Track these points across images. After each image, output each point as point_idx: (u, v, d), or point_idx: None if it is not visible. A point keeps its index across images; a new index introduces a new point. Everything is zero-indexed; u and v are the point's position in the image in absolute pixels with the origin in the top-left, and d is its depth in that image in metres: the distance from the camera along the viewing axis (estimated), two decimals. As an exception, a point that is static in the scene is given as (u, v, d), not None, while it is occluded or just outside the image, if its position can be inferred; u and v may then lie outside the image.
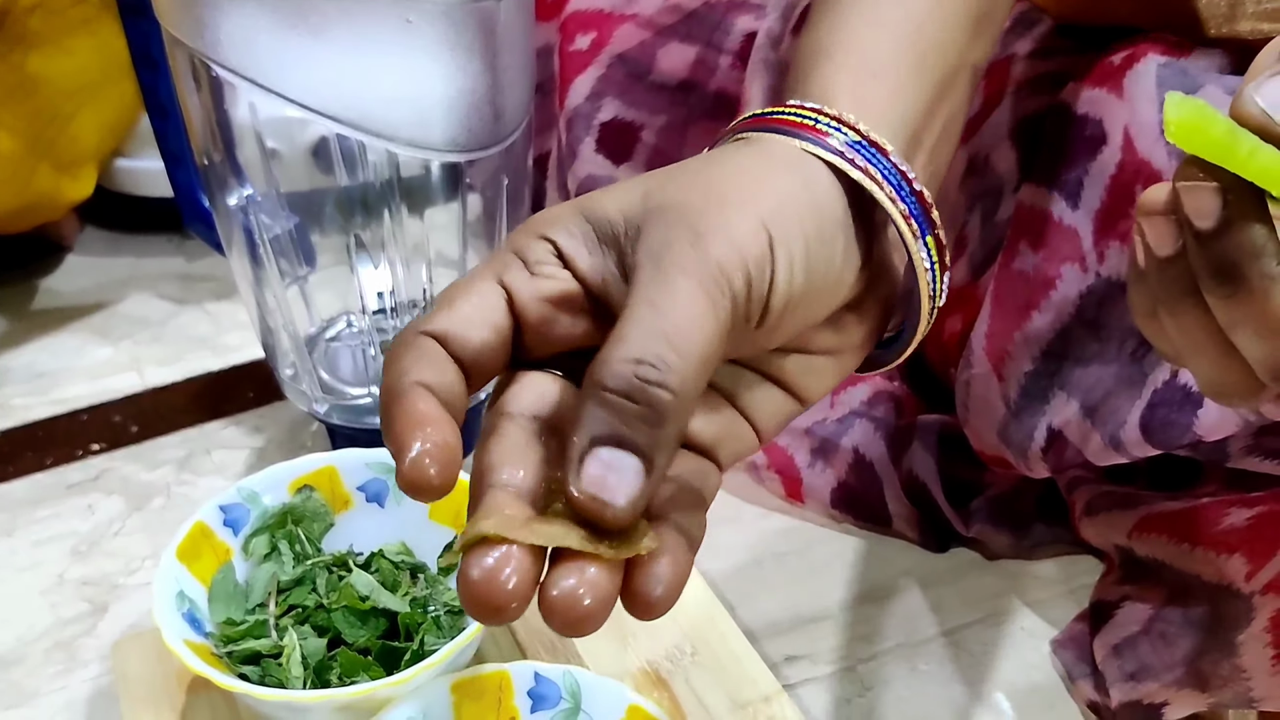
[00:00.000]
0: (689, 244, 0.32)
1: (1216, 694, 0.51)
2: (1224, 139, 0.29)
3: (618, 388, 0.29)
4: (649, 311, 0.30)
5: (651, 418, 0.29)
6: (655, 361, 0.29)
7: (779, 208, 0.34)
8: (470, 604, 0.29)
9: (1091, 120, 0.53)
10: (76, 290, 0.86)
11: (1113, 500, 0.59)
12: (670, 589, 0.30)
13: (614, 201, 0.34)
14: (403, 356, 0.32)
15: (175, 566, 0.52)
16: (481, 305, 0.33)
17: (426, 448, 0.30)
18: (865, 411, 0.66)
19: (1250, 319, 0.31)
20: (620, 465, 0.29)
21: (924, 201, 0.36)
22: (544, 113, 0.76)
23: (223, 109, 0.59)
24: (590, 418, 0.29)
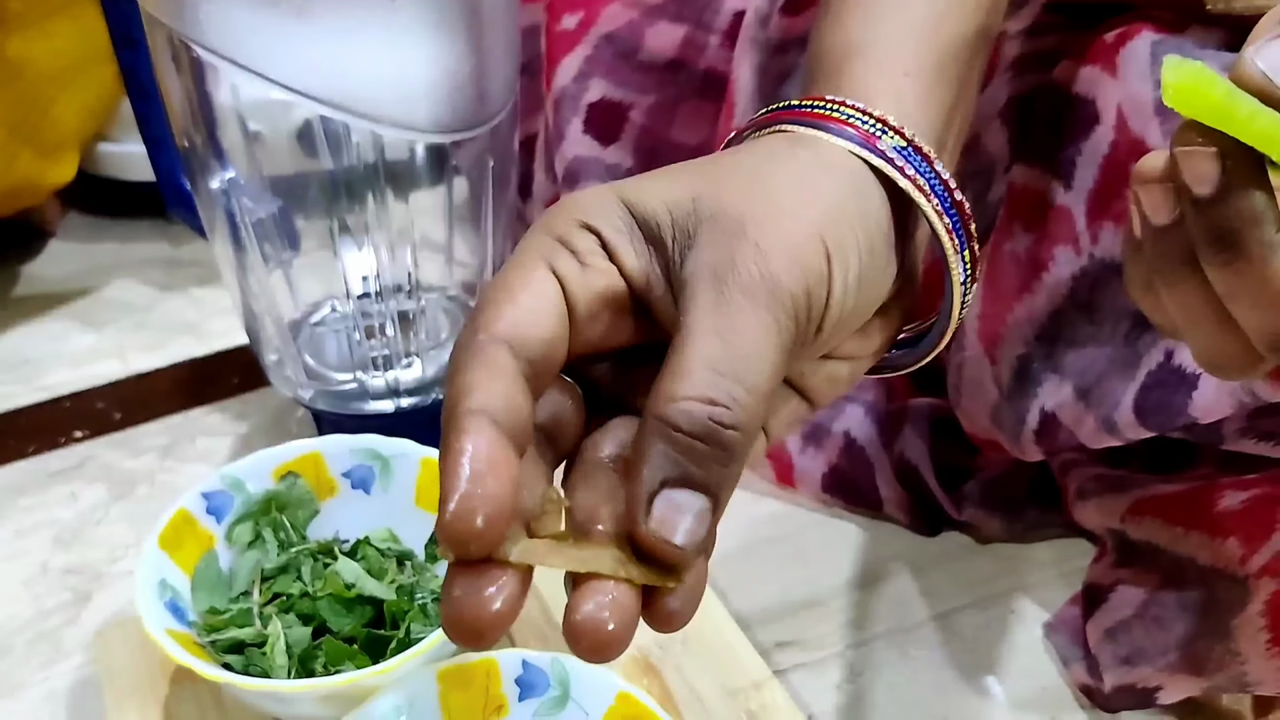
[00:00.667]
0: (752, 262, 0.31)
1: (1211, 678, 0.50)
2: (1223, 102, 0.28)
3: (691, 430, 0.29)
4: (716, 343, 0.29)
5: (723, 459, 0.29)
6: (728, 402, 0.29)
7: (835, 218, 0.33)
8: (453, 625, 0.28)
9: (1084, 99, 0.52)
10: (59, 276, 0.85)
11: (1106, 483, 0.58)
12: (690, 600, 0.30)
13: (659, 196, 0.32)
14: (463, 370, 0.29)
15: (157, 555, 0.52)
16: (542, 296, 0.31)
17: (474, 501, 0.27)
18: (856, 395, 0.66)
19: (1249, 288, 0.30)
20: (689, 507, 0.29)
21: (964, 213, 0.35)
22: (531, 94, 0.75)
23: (204, 91, 0.58)
24: (660, 457, 0.29)
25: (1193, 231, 0.31)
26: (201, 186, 0.61)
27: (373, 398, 0.65)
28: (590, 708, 0.48)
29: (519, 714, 0.48)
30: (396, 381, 0.65)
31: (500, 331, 0.30)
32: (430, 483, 0.56)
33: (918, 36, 0.38)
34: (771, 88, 0.62)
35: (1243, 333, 0.32)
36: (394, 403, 0.65)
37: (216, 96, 0.58)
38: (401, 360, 0.65)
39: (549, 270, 0.31)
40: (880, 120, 0.35)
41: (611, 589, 0.28)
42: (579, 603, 0.28)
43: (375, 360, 0.64)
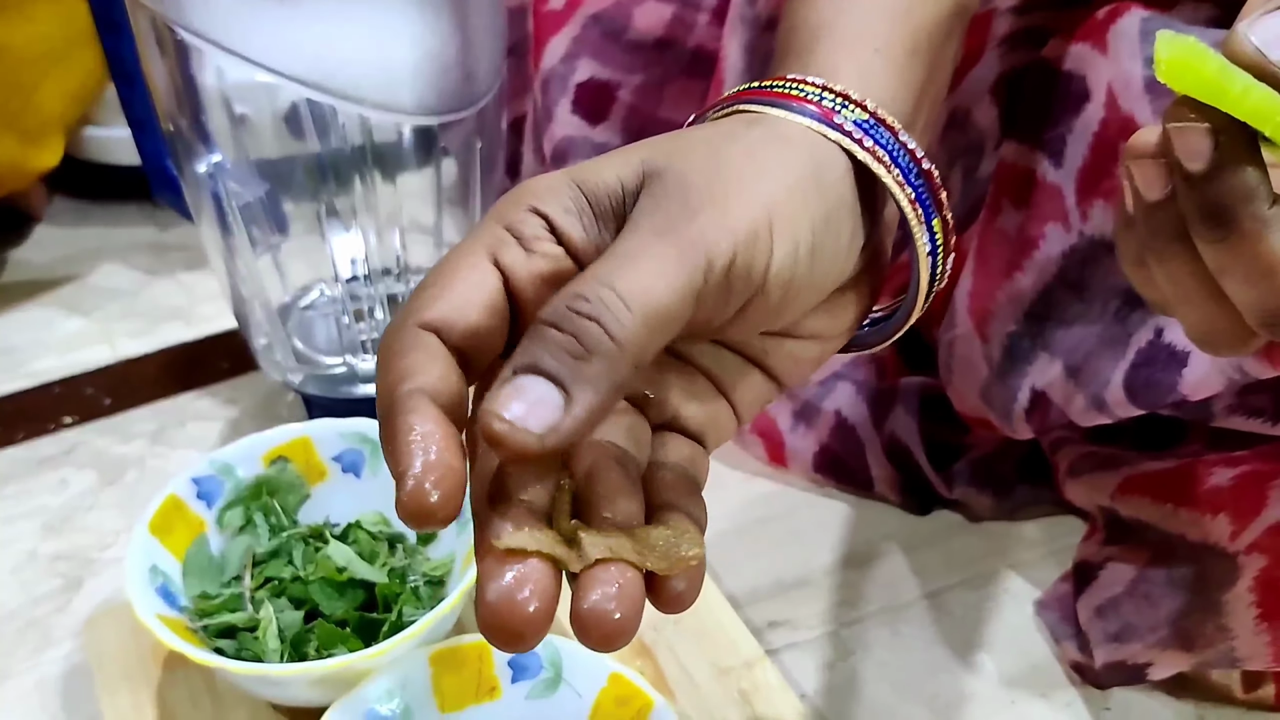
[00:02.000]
0: (675, 212, 0.30)
1: (1201, 654, 0.51)
2: (1216, 77, 0.28)
3: (547, 318, 0.28)
4: (607, 260, 0.29)
5: (576, 350, 0.28)
6: (591, 297, 0.28)
7: (787, 193, 0.32)
8: (491, 629, 0.27)
9: (1074, 76, 0.52)
10: (46, 261, 0.85)
11: (1096, 461, 0.59)
12: (695, 580, 0.30)
13: (611, 170, 0.32)
14: (398, 355, 0.29)
15: (148, 540, 0.52)
16: (478, 286, 0.31)
17: (428, 472, 0.27)
18: (847, 374, 0.66)
19: (1240, 264, 0.30)
20: (537, 394, 0.27)
21: (932, 181, 0.35)
22: (519, 75, 0.75)
23: (188, 74, 0.57)
24: (524, 347, 0.28)
25: (1185, 207, 0.31)
26: (187, 170, 0.61)
27: (362, 381, 0.64)
28: (582, 689, 0.48)
29: (511, 696, 0.48)
30: (386, 365, 0.64)
31: (429, 319, 0.30)
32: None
33: (889, 15, 0.38)
34: (760, 66, 0.62)
35: (1234, 308, 0.32)
36: (384, 387, 0.64)
37: (201, 80, 0.57)
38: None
39: (488, 259, 0.31)
40: (841, 95, 0.35)
41: (616, 577, 0.28)
42: (585, 592, 0.28)
43: (364, 344, 0.64)
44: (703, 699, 0.52)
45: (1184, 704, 0.54)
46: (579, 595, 0.28)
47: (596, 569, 0.28)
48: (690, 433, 0.35)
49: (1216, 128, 0.29)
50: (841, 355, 0.65)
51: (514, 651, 0.27)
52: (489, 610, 0.27)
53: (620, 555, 0.28)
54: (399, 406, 0.28)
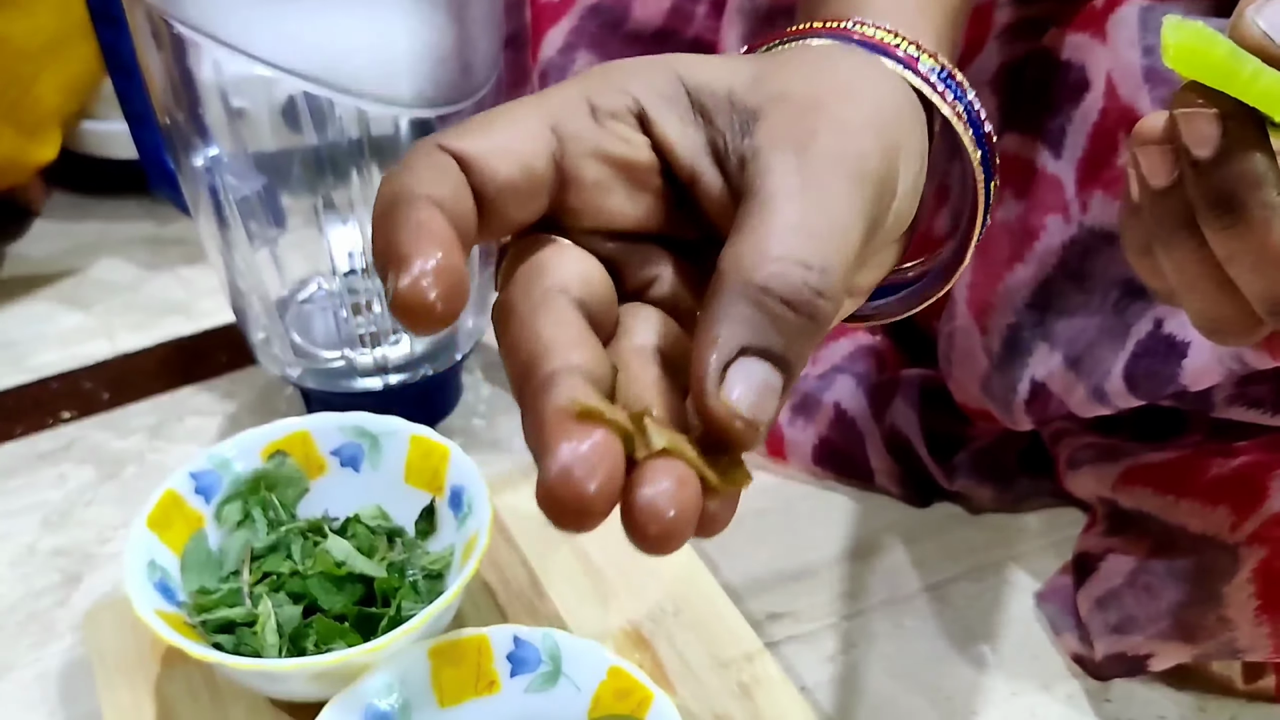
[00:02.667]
0: (839, 140, 0.28)
1: (1201, 645, 0.50)
2: (1225, 62, 0.28)
3: (785, 294, 0.26)
4: (804, 208, 0.27)
5: (810, 330, 0.26)
6: (823, 267, 0.26)
7: (902, 122, 0.31)
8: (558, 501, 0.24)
9: (1074, 66, 0.52)
10: (45, 256, 0.85)
11: (1097, 452, 0.58)
12: (730, 507, 0.27)
13: (719, 72, 0.30)
14: (413, 167, 0.27)
15: (146, 535, 0.51)
16: (521, 140, 0.28)
17: (430, 266, 0.25)
18: (847, 367, 0.65)
19: (1249, 251, 0.29)
20: (768, 383, 0.25)
21: (991, 145, 0.34)
22: (517, 67, 0.75)
23: (185, 67, 0.57)
24: (742, 323, 0.25)
25: (1192, 194, 0.30)
26: (185, 164, 0.60)
27: (361, 375, 0.64)
28: (582, 682, 0.48)
29: (511, 690, 0.48)
30: (384, 359, 0.64)
31: (456, 146, 0.28)
32: (420, 460, 0.55)
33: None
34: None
35: (1242, 297, 0.31)
36: (382, 380, 0.64)
37: (198, 73, 0.57)
38: (389, 337, 0.64)
39: (547, 121, 0.29)
40: (914, 43, 0.33)
41: (675, 474, 0.25)
42: (642, 485, 0.25)
43: (363, 337, 0.64)
44: (703, 692, 0.52)
45: (1185, 695, 0.54)
46: (635, 486, 0.25)
47: (656, 462, 0.25)
48: None
49: (1224, 113, 0.29)
50: (841, 349, 0.66)
51: (576, 531, 0.24)
52: (561, 477, 0.24)
53: (682, 451, 0.26)
54: (402, 200, 0.26)
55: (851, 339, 0.67)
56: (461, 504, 0.53)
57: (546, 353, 0.26)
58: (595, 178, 0.29)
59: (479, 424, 0.69)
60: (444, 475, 0.54)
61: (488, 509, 0.51)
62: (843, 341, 0.67)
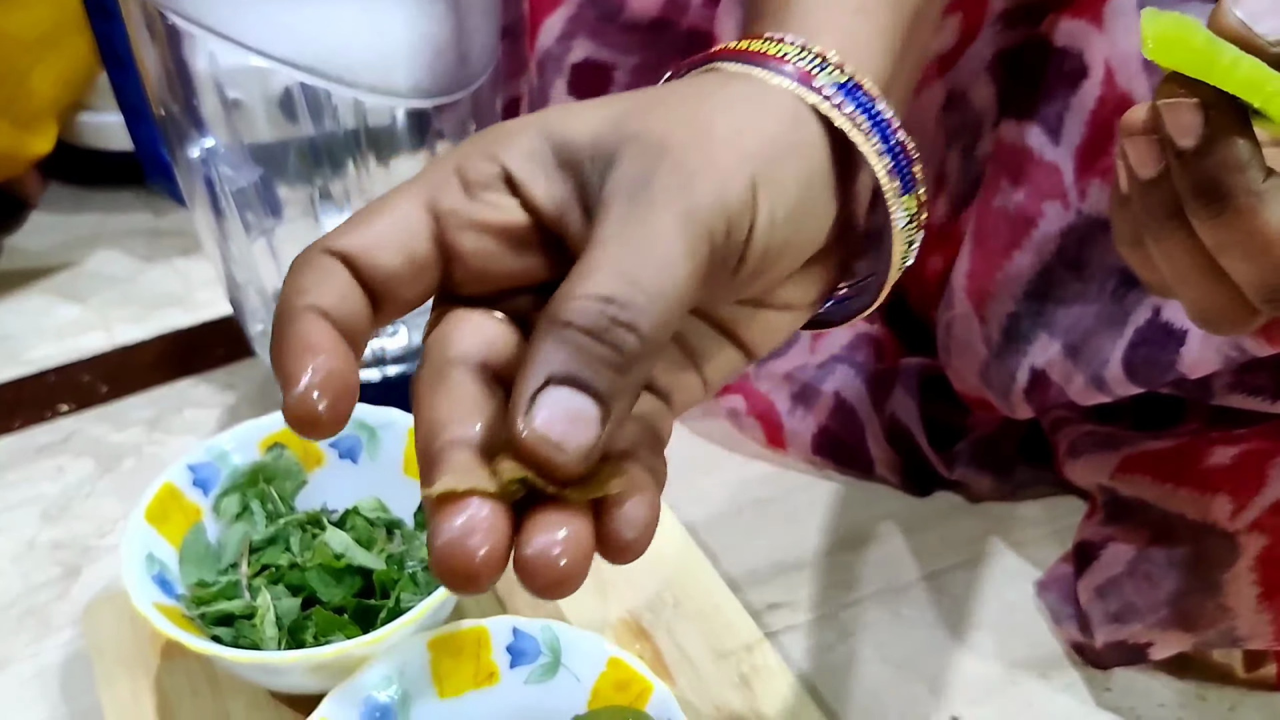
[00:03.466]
0: (674, 182, 0.29)
1: (1201, 633, 0.50)
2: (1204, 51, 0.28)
3: (583, 325, 0.27)
4: (622, 248, 0.28)
5: (616, 362, 0.27)
6: (626, 302, 0.27)
7: (768, 153, 0.31)
8: (442, 571, 0.26)
9: (1071, 53, 0.52)
10: (42, 248, 0.85)
11: (1096, 441, 0.58)
12: (645, 530, 0.28)
13: (583, 122, 0.31)
14: (300, 275, 0.29)
15: (144, 528, 0.51)
16: (399, 228, 0.30)
17: (315, 379, 0.27)
18: (846, 356, 0.65)
19: (1238, 240, 0.30)
20: (576, 410, 0.26)
21: (908, 154, 0.34)
22: (514, 57, 0.74)
23: (180, 59, 0.57)
24: (547, 354, 0.27)
25: (1179, 185, 0.30)
26: (180, 156, 0.60)
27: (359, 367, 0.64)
28: (581, 674, 0.48)
29: (510, 681, 0.48)
30: (382, 350, 0.64)
31: (338, 246, 0.29)
32: (418, 451, 0.55)
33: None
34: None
35: (1235, 286, 0.31)
36: (380, 371, 0.64)
37: (194, 64, 0.57)
38: (386, 329, 0.64)
39: (421, 204, 0.30)
40: (820, 55, 0.34)
41: (560, 522, 0.27)
42: (527, 538, 0.26)
43: (360, 329, 0.64)
44: (702, 682, 0.52)
45: (1185, 684, 0.54)
46: (521, 541, 0.26)
47: (541, 514, 0.27)
48: (657, 390, 0.34)
49: (1206, 103, 0.29)
50: (840, 338, 0.66)
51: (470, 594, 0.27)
52: (439, 557, 0.26)
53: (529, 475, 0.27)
54: (288, 317, 0.28)
55: (850, 329, 0.67)
56: (460, 495, 0.53)
57: (434, 430, 0.28)
58: (474, 247, 0.30)
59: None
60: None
61: (486, 500, 0.51)
62: (841, 331, 0.66)
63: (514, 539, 0.27)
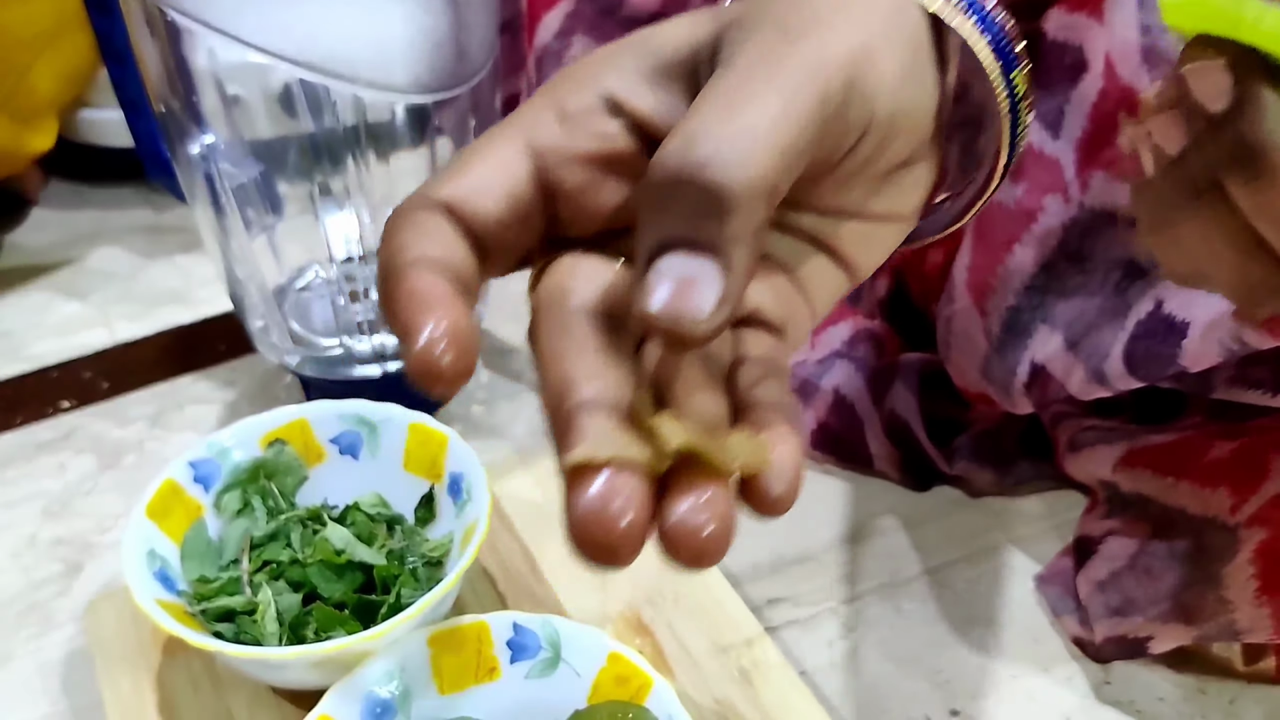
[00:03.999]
0: (773, 41, 0.27)
1: (1202, 627, 0.50)
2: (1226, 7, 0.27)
3: (666, 176, 0.25)
4: (705, 99, 0.26)
5: (714, 205, 0.25)
6: (708, 136, 0.25)
7: (879, 23, 0.30)
8: (582, 543, 0.25)
9: (1071, 46, 0.51)
10: (42, 245, 0.85)
11: (1097, 435, 0.58)
12: (793, 481, 0.27)
13: (677, 28, 0.29)
14: (401, 229, 0.27)
15: (145, 525, 0.51)
16: (499, 171, 0.28)
17: (438, 331, 0.25)
18: (845, 352, 0.65)
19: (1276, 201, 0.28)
20: (691, 271, 0.25)
21: (1007, 31, 0.32)
22: (513, 53, 0.74)
23: (180, 55, 0.57)
24: (644, 224, 0.25)
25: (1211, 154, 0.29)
26: (180, 152, 0.60)
27: (359, 362, 0.64)
28: (582, 669, 0.48)
29: (511, 676, 0.48)
30: (383, 346, 0.64)
31: (439, 197, 0.28)
32: (419, 447, 0.55)
33: None
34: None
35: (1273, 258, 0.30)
36: (381, 367, 0.64)
37: (193, 61, 0.57)
38: (387, 324, 0.64)
39: (520, 143, 0.28)
40: None
41: (703, 488, 0.26)
42: (670, 507, 0.25)
43: (361, 325, 0.64)
44: (702, 677, 0.52)
45: (1185, 677, 0.54)
46: (664, 511, 0.25)
47: (681, 481, 0.26)
48: (772, 325, 0.32)
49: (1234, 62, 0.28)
50: (840, 334, 0.66)
51: (611, 568, 0.25)
52: (577, 529, 0.25)
53: (700, 447, 0.26)
54: (401, 271, 0.27)
55: (850, 324, 0.67)
56: (461, 491, 0.53)
57: (565, 389, 0.27)
58: (579, 182, 0.29)
59: (478, 411, 0.69)
60: (443, 462, 0.54)
61: (487, 496, 0.51)
62: (841, 326, 0.66)
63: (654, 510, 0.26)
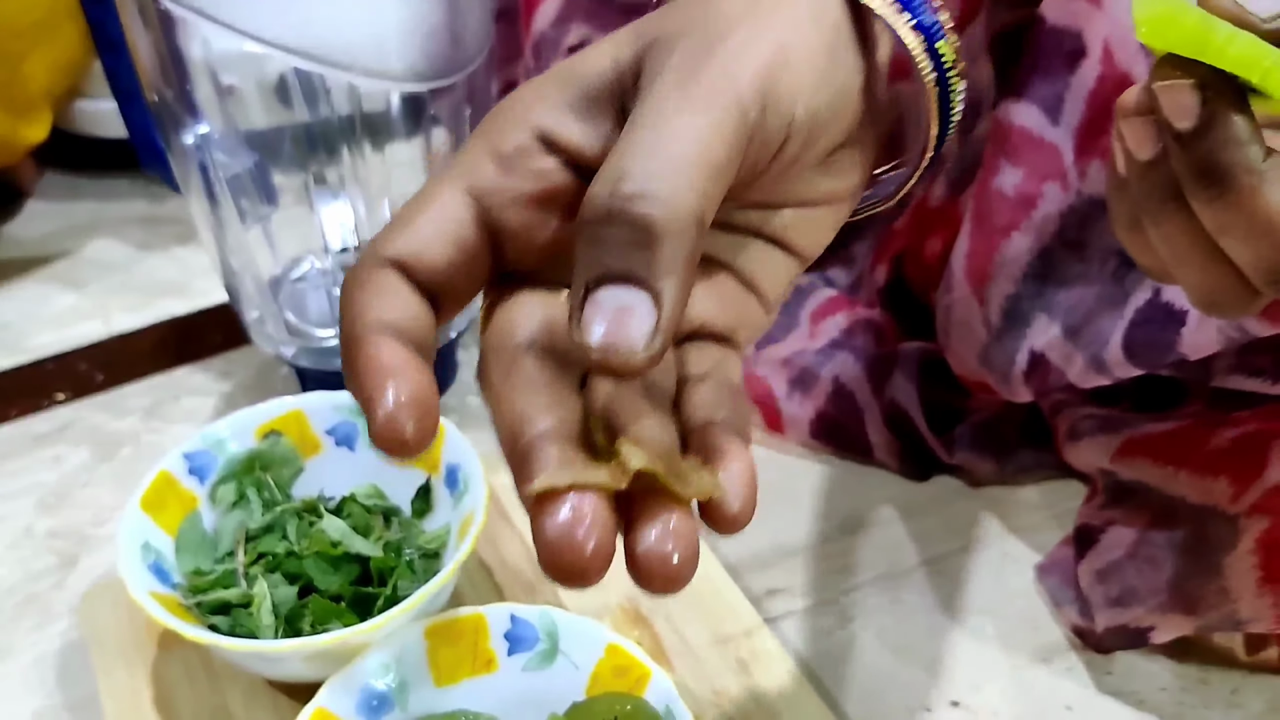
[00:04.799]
0: (689, 63, 0.28)
1: (1203, 617, 0.50)
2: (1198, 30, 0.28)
3: (595, 215, 0.26)
4: (628, 132, 0.27)
5: (641, 238, 0.25)
6: (632, 173, 0.26)
7: (792, 26, 0.30)
8: (552, 567, 0.26)
9: (1070, 33, 0.51)
10: (38, 237, 0.84)
11: (1096, 424, 0.58)
12: (748, 497, 0.28)
13: (602, 57, 0.30)
14: (358, 293, 0.28)
15: (140, 517, 0.51)
16: (443, 221, 0.29)
17: (400, 400, 0.26)
18: (845, 341, 0.65)
19: (1239, 221, 0.29)
20: (623, 303, 0.25)
21: (930, 3, 0.32)
22: (509, 41, 0.74)
23: (173, 44, 0.56)
24: (579, 260, 0.26)
25: (1177, 167, 0.30)
26: (174, 142, 0.60)
27: (356, 353, 0.64)
28: (579, 660, 0.47)
29: (508, 668, 0.48)
30: (379, 336, 0.64)
31: (390, 254, 0.28)
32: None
33: None
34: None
35: (1235, 268, 0.31)
36: (377, 358, 0.64)
37: (187, 50, 0.57)
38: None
39: (460, 190, 0.29)
40: None
41: (667, 516, 0.27)
42: (638, 537, 0.26)
43: (357, 315, 0.63)
44: (701, 668, 0.52)
45: (1186, 667, 0.54)
46: (631, 540, 0.27)
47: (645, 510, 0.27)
48: (718, 334, 0.33)
49: (1203, 83, 0.29)
50: (839, 323, 0.65)
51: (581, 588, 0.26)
52: (548, 554, 0.26)
53: (657, 470, 0.27)
54: (360, 340, 0.27)
55: (850, 313, 0.66)
56: (457, 482, 0.53)
57: (517, 426, 0.28)
58: (522, 221, 0.29)
59: (474, 401, 0.69)
60: (439, 454, 0.54)
61: (484, 487, 0.51)
62: (841, 316, 0.66)
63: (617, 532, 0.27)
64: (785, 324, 0.67)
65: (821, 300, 0.67)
